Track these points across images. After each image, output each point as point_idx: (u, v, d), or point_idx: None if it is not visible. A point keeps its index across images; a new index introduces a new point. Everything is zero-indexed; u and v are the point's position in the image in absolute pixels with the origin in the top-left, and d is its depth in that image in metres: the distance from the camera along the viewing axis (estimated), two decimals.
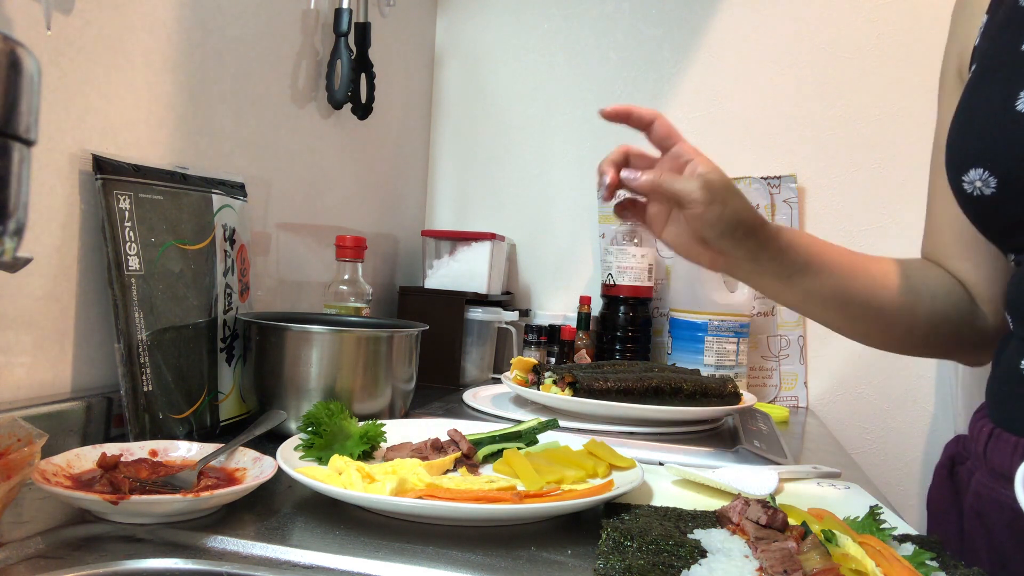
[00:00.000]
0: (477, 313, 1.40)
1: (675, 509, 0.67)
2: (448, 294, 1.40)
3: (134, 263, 0.79)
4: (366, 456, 0.77)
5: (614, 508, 0.67)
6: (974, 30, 0.72)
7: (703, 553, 0.56)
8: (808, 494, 0.78)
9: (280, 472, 0.67)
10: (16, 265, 0.39)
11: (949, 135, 0.68)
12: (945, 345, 0.79)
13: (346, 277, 1.14)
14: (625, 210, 0.78)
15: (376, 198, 1.48)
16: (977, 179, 0.63)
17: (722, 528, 0.61)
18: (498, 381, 1.36)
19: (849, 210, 1.47)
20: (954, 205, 0.70)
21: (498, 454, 0.81)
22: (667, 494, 0.74)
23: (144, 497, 0.58)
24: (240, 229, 0.97)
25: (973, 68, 0.70)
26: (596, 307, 1.51)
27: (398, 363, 0.95)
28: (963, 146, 0.65)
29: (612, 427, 1.06)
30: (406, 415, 0.99)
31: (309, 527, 0.61)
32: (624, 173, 0.73)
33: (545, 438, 0.87)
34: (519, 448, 0.81)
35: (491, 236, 1.47)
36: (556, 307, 1.63)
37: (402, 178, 1.60)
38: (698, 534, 0.59)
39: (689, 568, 0.53)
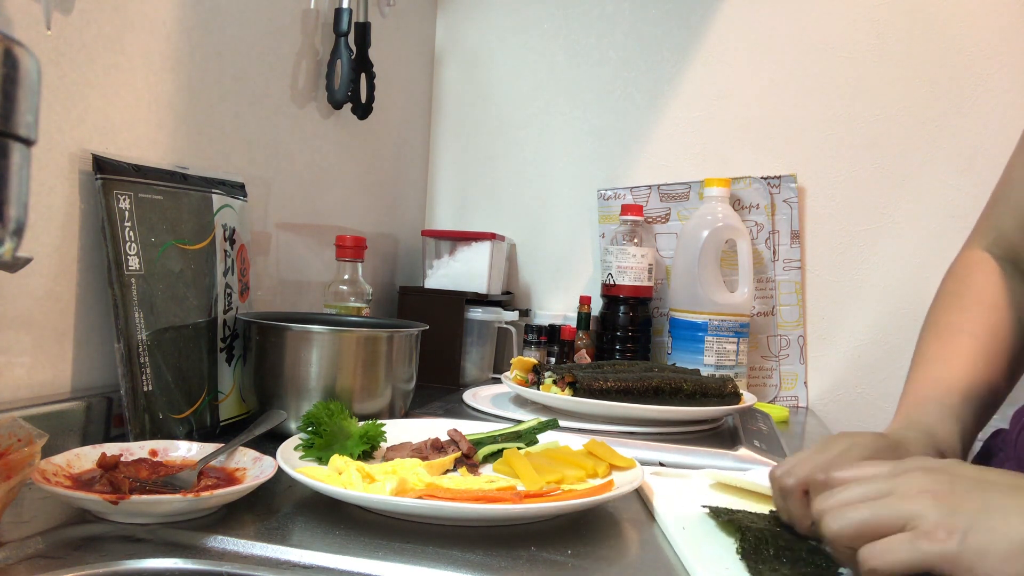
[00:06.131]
0: (477, 313, 1.40)
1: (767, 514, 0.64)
2: (448, 294, 1.40)
3: (134, 263, 0.79)
4: (366, 456, 0.77)
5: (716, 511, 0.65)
6: None
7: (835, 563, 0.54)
8: None
9: (280, 472, 0.67)
10: (16, 265, 0.39)
11: None
12: None
13: (346, 277, 1.14)
14: None
15: (376, 198, 1.48)
16: None
17: None
18: (498, 381, 1.36)
19: (849, 210, 1.46)
20: None
21: (498, 454, 0.81)
22: (711, 498, 0.72)
23: (144, 497, 0.58)
24: (240, 229, 0.97)
25: None
26: (596, 307, 1.51)
27: (398, 363, 0.95)
28: None
29: (612, 427, 1.06)
30: (406, 415, 0.99)
31: (309, 527, 0.61)
32: None
33: (545, 438, 0.87)
34: (519, 448, 0.81)
35: (491, 236, 1.47)
36: (556, 307, 1.63)
37: (402, 178, 1.60)
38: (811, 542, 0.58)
39: None
